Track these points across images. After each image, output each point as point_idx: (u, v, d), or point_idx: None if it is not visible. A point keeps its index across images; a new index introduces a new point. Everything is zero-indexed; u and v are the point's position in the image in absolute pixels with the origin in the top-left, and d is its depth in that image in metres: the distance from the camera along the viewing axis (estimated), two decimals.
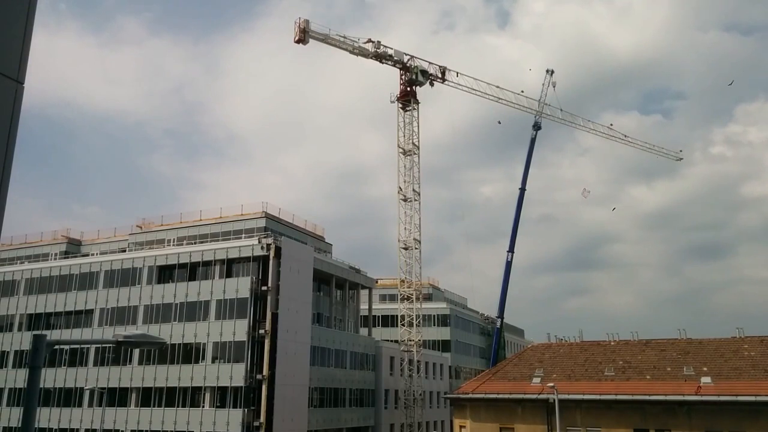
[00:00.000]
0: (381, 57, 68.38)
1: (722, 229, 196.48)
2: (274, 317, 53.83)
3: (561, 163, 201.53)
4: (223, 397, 53.81)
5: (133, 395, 57.77)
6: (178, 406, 55.09)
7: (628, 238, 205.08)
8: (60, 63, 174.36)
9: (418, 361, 69.15)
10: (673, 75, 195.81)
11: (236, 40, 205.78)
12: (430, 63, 72.14)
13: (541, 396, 41.16)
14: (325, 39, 64.94)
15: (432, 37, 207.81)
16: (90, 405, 59.99)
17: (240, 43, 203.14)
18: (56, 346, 11.93)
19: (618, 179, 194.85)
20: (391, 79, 72.82)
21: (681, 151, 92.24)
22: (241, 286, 55.15)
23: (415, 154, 69.77)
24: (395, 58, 69.55)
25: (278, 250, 55.16)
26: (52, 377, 61.10)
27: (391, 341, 75.03)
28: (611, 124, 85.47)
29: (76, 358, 61.99)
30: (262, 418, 51.56)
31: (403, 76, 70.88)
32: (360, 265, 71.45)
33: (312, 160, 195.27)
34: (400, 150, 69.97)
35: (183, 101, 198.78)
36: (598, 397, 40.51)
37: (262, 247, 55.24)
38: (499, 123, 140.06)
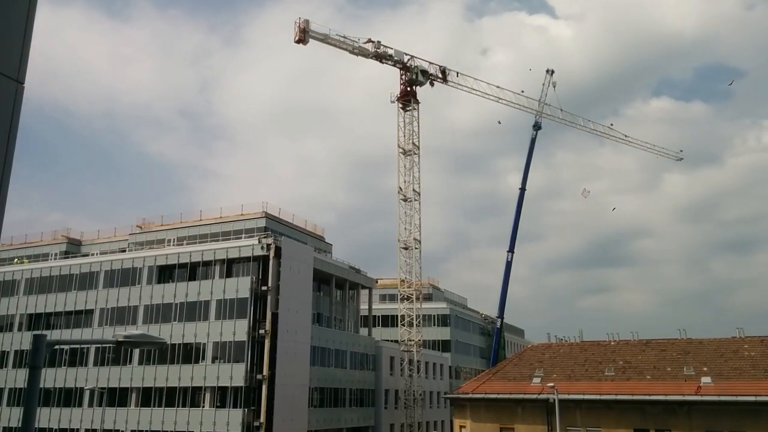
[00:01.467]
0: (381, 57, 68.37)
1: (758, 223, 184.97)
2: (274, 317, 53.82)
3: (601, 151, 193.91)
4: (223, 397, 53.81)
5: (133, 395, 57.76)
6: (178, 406, 55.07)
7: (658, 233, 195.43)
8: (66, 36, 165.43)
9: (418, 361, 69.15)
10: (730, 55, 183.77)
11: (263, 8, 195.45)
12: (430, 63, 72.21)
13: (541, 396, 41.15)
14: (325, 39, 64.94)
15: (472, 14, 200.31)
16: (90, 405, 59.98)
17: (266, 11, 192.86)
18: (56, 346, 11.93)
19: (658, 166, 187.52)
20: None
21: (681, 151, 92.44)
22: (241, 286, 55.13)
23: (415, 154, 69.81)
24: (395, 58, 69.54)
25: (278, 250, 55.15)
26: (52, 377, 61.08)
27: (391, 341, 75.02)
28: (611, 124, 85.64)
29: (76, 358, 61.96)
30: (262, 418, 51.56)
31: (403, 76, 70.89)
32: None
33: (332, 148, 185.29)
34: (400, 150, 69.97)
35: (198, 78, 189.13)
36: (598, 397, 40.48)
37: (262, 247, 55.24)
38: (499, 123, 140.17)
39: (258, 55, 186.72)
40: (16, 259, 72.94)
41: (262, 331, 53.51)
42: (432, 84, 71.94)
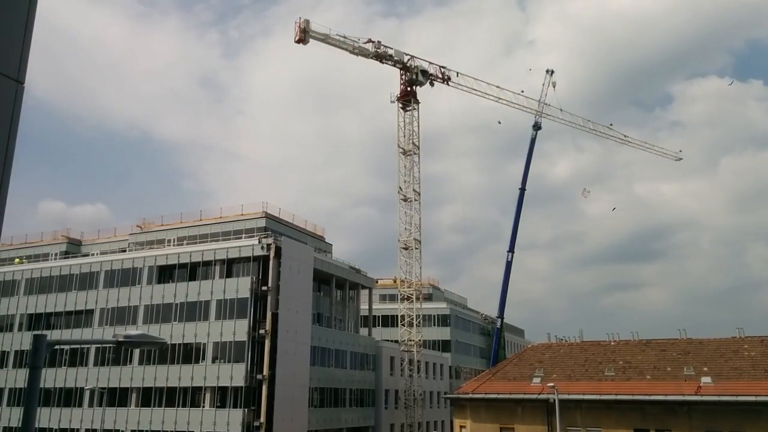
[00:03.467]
0: (381, 57, 68.34)
1: None
2: (274, 317, 53.82)
3: (655, 136, 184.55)
4: (223, 397, 53.80)
5: (134, 395, 57.75)
6: (178, 406, 55.07)
7: (702, 224, 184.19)
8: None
9: (418, 361, 69.14)
10: None
11: None
12: (430, 63, 72.20)
13: (541, 396, 41.14)
14: (325, 39, 64.93)
15: None
16: (90, 405, 59.97)
17: None
18: (56, 346, 11.93)
19: (714, 148, 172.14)
20: (458, 42, 69.95)
21: (681, 151, 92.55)
22: (241, 286, 55.13)
23: (415, 154, 69.77)
24: (395, 58, 69.52)
25: (278, 250, 55.15)
26: (52, 377, 61.07)
27: (391, 341, 75.03)
28: (611, 124, 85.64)
29: (76, 358, 61.96)
30: (262, 418, 51.55)
31: (403, 76, 70.85)
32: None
33: (365, 130, 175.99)
34: (400, 150, 69.93)
35: (222, 39, 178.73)
36: (598, 397, 40.47)
37: (262, 247, 55.24)
38: (499, 123, 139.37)
39: (293, 12, 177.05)
40: (16, 259, 72.95)
41: (262, 331, 53.51)
42: (432, 84, 71.95)
